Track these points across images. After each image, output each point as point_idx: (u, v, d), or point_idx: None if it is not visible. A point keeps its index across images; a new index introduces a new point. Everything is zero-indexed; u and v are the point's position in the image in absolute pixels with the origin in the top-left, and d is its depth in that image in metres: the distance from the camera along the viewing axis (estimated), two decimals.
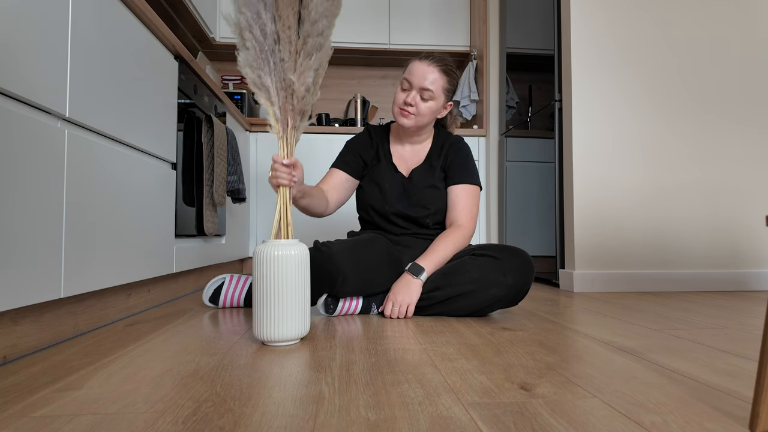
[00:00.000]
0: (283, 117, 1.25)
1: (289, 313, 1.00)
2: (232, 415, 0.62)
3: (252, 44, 1.21)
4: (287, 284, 1.00)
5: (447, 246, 1.39)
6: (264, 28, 1.21)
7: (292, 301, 1.00)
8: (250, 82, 1.24)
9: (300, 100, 1.23)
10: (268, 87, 1.23)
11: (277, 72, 1.22)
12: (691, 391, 0.73)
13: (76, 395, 0.69)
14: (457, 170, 1.50)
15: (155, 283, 1.54)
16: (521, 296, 1.35)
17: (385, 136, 1.60)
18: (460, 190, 1.49)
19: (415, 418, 0.61)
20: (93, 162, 1.10)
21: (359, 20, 3.35)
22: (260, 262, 1.01)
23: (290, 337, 1.00)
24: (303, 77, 1.21)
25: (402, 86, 1.47)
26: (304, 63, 1.20)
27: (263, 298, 1.00)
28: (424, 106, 1.44)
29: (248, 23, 1.21)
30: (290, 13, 1.20)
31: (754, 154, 2.20)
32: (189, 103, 1.77)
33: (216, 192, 1.86)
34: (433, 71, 1.44)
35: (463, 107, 3.28)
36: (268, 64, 1.22)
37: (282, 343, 1.01)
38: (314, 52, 1.22)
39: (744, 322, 1.31)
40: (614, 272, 2.08)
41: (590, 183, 2.11)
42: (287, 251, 1.01)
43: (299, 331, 1.01)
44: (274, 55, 1.22)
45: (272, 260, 1.00)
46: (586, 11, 2.15)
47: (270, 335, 0.99)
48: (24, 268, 0.86)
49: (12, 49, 0.84)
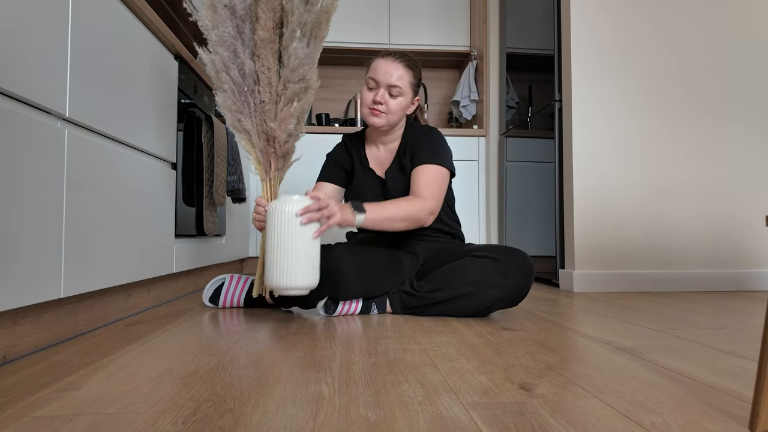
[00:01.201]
0: (265, 160, 1.19)
1: (298, 262, 1.08)
2: (232, 415, 0.62)
3: (230, 86, 1.13)
4: (296, 236, 1.08)
5: (398, 207, 1.29)
6: (242, 67, 1.13)
7: (301, 251, 1.08)
8: (230, 125, 1.18)
9: (282, 145, 1.17)
10: (249, 130, 1.16)
11: (258, 114, 1.15)
12: (691, 391, 0.73)
13: (76, 395, 0.69)
14: (417, 155, 1.44)
15: (155, 283, 1.54)
16: (521, 298, 1.35)
17: (360, 143, 1.57)
18: (420, 170, 1.41)
19: (415, 418, 0.61)
20: (93, 162, 1.10)
21: (359, 20, 3.35)
22: (273, 215, 1.09)
23: (299, 286, 1.08)
24: (284, 125, 1.14)
25: (368, 85, 1.43)
26: (285, 110, 1.13)
27: (275, 248, 1.08)
28: (393, 103, 1.41)
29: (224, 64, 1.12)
30: (269, 53, 1.11)
31: (753, 154, 2.21)
32: (189, 103, 1.77)
33: (216, 192, 1.86)
34: (398, 67, 1.40)
35: (463, 107, 3.28)
36: (248, 106, 1.14)
37: (291, 291, 1.08)
38: (295, 98, 1.15)
39: (744, 322, 1.31)
40: (614, 272, 2.08)
41: (590, 183, 2.11)
42: (298, 207, 1.10)
43: (308, 281, 1.09)
44: (254, 96, 1.14)
45: (283, 214, 1.09)
46: (586, 12, 2.15)
47: (281, 283, 1.06)
48: (24, 268, 0.86)
49: (12, 49, 0.84)
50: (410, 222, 1.32)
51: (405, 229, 1.33)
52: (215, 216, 1.92)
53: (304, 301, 1.38)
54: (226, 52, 1.12)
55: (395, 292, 1.39)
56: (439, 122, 3.70)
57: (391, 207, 1.29)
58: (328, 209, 1.14)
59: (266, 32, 1.10)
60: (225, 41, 1.11)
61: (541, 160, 2.46)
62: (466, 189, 3.09)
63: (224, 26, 1.10)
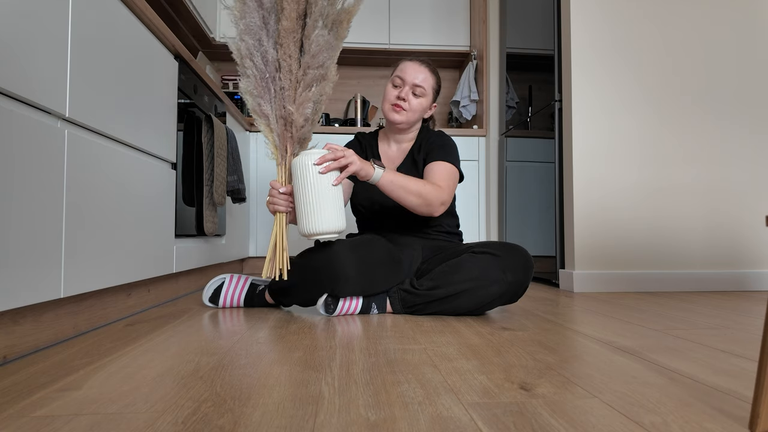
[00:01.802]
0: (281, 144, 1.27)
1: (324, 209, 1.18)
2: (232, 415, 0.62)
3: (252, 72, 1.22)
4: (318, 185, 1.18)
5: (416, 181, 1.33)
6: (266, 55, 1.22)
7: (324, 198, 1.18)
8: (250, 109, 1.27)
9: (299, 129, 1.25)
10: (268, 115, 1.24)
11: (278, 100, 1.24)
12: (691, 391, 0.73)
13: (75, 395, 0.69)
14: (432, 154, 1.50)
15: (155, 283, 1.55)
16: (521, 293, 1.35)
17: (374, 141, 1.64)
18: (435, 165, 1.46)
19: (415, 418, 0.61)
20: (93, 162, 1.10)
21: (359, 20, 3.35)
22: (296, 170, 1.19)
23: (328, 230, 1.18)
24: (302, 108, 1.22)
25: (393, 83, 1.51)
26: (303, 94, 1.21)
27: (302, 199, 1.18)
28: (415, 102, 1.49)
29: (249, 51, 1.21)
30: (291, 42, 1.20)
31: (753, 154, 2.21)
32: (189, 103, 1.77)
33: (216, 192, 1.86)
34: (424, 71, 1.50)
35: (463, 107, 3.28)
36: (268, 92, 1.23)
37: (318, 236, 1.18)
38: (314, 83, 1.24)
39: (744, 322, 1.31)
40: (614, 272, 2.08)
41: (590, 183, 2.11)
42: (316, 157, 1.18)
43: (335, 225, 1.19)
44: (275, 83, 1.23)
45: (305, 167, 1.18)
46: (586, 12, 2.15)
47: (311, 229, 1.17)
48: (24, 268, 0.86)
49: (12, 49, 0.84)
50: (422, 201, 1.35)
51: (415, 207, 1.36)
52: (215, 216, 1.92)
53: (305, 300, 1.38)
54: (251, 40, 1.21)
55: (395, 290, 1.39)
56: (439, 122, 3.70)
57: (409, 179, 1.34)
58: (345, 158, 1.21)
59: (290, 22, 1.18)
60: (251, 30, 1.20)
61: (541, 160, 2.46)
62: (466, 189, 3.09)
63: (251, 17, 1.19)
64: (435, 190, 1.36)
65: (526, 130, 2.64)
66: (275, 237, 1.25)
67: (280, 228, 1.25)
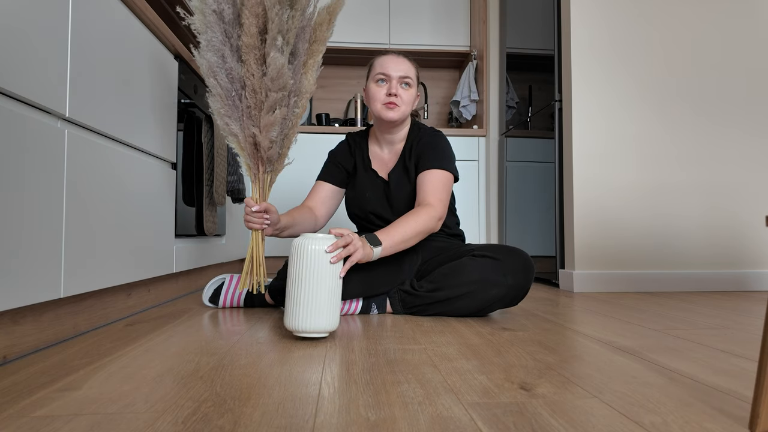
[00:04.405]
0: (253, 164, 1.19)
1: (321, 305, 1.02)
2: (232, 415, 0.62)
3: (217, 91, 1.12)
4: (322, 276, 1.03)
5: (407, 225, 1.27)
6: (231, 72, 1.12)
7: (326, 291, 1.03)
8: (220, 128, 1.18)
9: (266, 152, 1.16)
10: (236, 134, 1.15)
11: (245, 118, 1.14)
12: (691, 392, 0.73)
13: (75, 395, 0.69)
14: (424, 159, 1.44)
15: (155, 283, 1.54)
16: (521, 296, 1.35)
17: (364, 142, 1.57)
18: (427, 174, 1.41)
19: (415, 418, 0.61)
20: (93, 162, 1.10)
21: (359, 20, 3.35)
22: (296, 254, 1.04)
23: (320, 329, 1.02)
24: (266, 131, 1.13)
25: (376, 82, 1.44)
26: (266, 118, 1.11)
27: (297, 289, 1.02)
28: (406, 95, 1.43)
29: (211, 70, 1.11)
30: (252, 60, 1.10)
31: (752, 154, 2.21)
32: (189, 103, 1.77)
33: (216, 192, 1.86)
34: (405, 61, 1.45)
35: (463, 107, 3.28)
36: (236, 110, 1.14)
37: (312, 335, 1.03)
38: (277, 106, 1.13)
39: (744, 322, 1.31)
40: (614, 272, 2.08)
41: (590, 183, 2.11)
42: (322, 246, 1.04)
43: (329, 324, 1.03)
44: (243, 101, 1.13)
45: (306, 254, 1.03)
46: (586, 12, 2.15)
47: (301, 326, 1.01)
48: (24, 268, 0.86)
49: (12, 49, 0.84)
50: (423, 234, 1.32)
51: (419, 240, 1.33)
52: (215, 216, 1.92)
53: None
54: (214, 56, 1.11)
55: (395, 291, 1.39)
56: (439, 122, 3.70)
57: (401, 229, 1.26)
58: (353, 245, 1.11)
59: (250, 38, 1.08)
60: (213, 46, 1.11)
61: (541, 160, 2.46)
62: (466, 189, 3.09)
63: (213, 31, 1.09)
64: (428, 215, 1.31)
65: (526, 130, 2.64)
66: (251, 252, 1.22)
67: (256, 243, 1.22)
